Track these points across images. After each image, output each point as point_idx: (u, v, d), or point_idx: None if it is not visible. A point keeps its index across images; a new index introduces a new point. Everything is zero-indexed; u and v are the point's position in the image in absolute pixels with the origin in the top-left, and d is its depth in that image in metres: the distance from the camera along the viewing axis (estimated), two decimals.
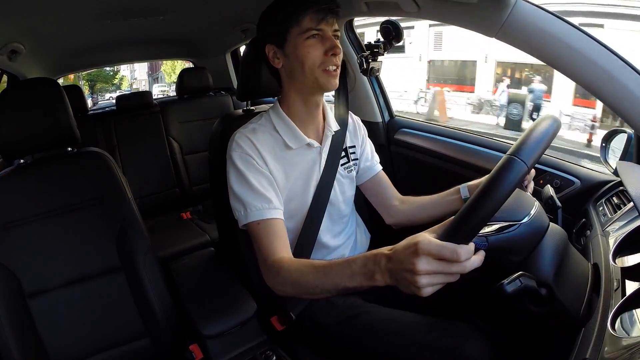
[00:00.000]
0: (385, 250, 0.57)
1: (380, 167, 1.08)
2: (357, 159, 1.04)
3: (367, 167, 1.06)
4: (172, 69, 19.12)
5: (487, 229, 0.65)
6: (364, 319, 0.84)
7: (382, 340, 0.79)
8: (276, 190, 0.85)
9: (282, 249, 0.79)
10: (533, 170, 0.81)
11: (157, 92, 16.31)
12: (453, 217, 0.53)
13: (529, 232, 0.65)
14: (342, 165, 0.98)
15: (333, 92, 1.00)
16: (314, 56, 0.81)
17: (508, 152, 0.54)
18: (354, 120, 1.07)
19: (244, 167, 0.83)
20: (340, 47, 0.83)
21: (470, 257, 0.50)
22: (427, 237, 0.51)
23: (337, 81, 0.85)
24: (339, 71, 0.84)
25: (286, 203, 0.88)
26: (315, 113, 0.92)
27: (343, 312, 0.87)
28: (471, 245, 0.51)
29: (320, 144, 0.93)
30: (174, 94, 2.26)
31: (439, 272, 0.50)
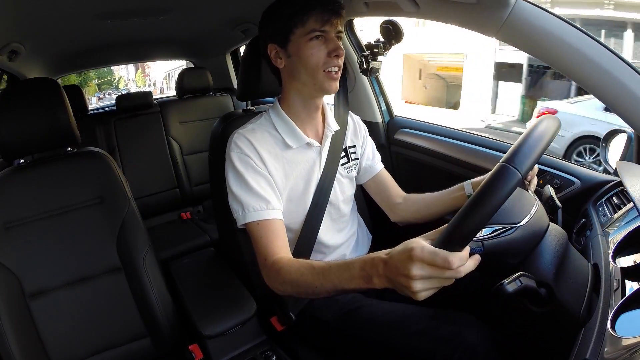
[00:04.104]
0: (382, 254, 0.58)
1: (382, 166, 1.08)
2: (357, 159, 1.04)
3: (368, 166, 1.06)
4: (138, 78, 26.65)
5: (483, 233, 0.65)
6: (364, 311, 0.84)
7: (384, 332, 0.79)
8: (275, 191, 0.85)
9: (282, 249, 0.79)
10: (536, 167, 0.81)
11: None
12: (447, 223, 0.53)
13: (526, 235, 0.65)
14: (342, 165, 0.98)
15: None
16: (316, 57, 0.81)
17: (502, 160, 0.53)
18: (354, 120, 1.07)
19: (242, 167, 0.83)
20: (344, 49, 0.83)
21: (465, 263, 0.51)
22: (420, 244, 0.52)
23: (337, 84, 0.85)
24: (340, 74, 0.84)
25: (286, 203, 0.88)
26: (315, 113, 0.92)
27: (343, 306, 0.88)
28: (465, 251, 0.51)
29: (320, 143, 0.93)
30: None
31: (432, 277, 0.51)
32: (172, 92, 2.36)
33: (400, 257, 0.53)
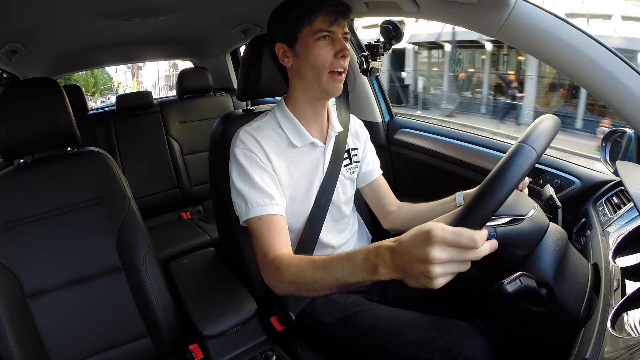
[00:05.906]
0: (389, 242, 0.54)
1: (381, 172, 1.08)
2: (358, 162, 1.04)
3: (367, 172, 1.06)
4: (134, 84, 27.62)
5: (494, 222, 0.65)
6: (364, 316, 0.84)
7: (382, 338, 0.78)
8: (278, 187, 0.85)
9: (283, 245, 0.78)
10: (527, 178, 0.81)
11: None
12: (463, 205, 0.52)
13: (533, 227, 0.65)
14: (344, 166, 0.98)
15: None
16: (323, 58, 0.81)
17: (518, 140, 0.54)
18: (357, 123, 1.08)
19: (246, 163, 0.83)
20: (350, 50, 0.83)
21: (484, 243, 0.49)
22: (439, 225, 0.48)
23: (341, 86, 0.85)
24: (344, 75, 0.84)
25: (289, 202, 0.88)
26: (320, 113, 0.93)
27: (344, 309, 0.87)
28: (484, 231, 0.49)
29: (324, 144, 0.94)
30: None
31: (453, 260, 0.48)
32: (157, 96, 2.48)
33: (415, 241, 0.49)
